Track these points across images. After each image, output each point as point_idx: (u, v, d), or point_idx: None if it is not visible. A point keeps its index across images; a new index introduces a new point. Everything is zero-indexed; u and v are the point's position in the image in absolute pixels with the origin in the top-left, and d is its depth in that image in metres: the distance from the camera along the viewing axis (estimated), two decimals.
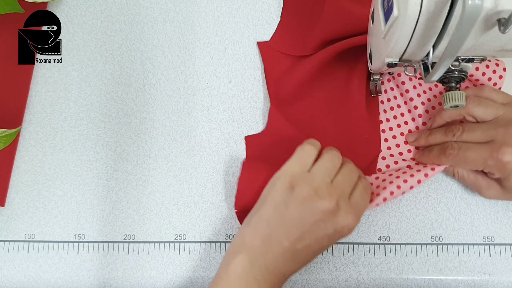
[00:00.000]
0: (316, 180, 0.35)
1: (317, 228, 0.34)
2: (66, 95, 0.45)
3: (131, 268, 0.41)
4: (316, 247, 0.34)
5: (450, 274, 0.40)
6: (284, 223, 0.34)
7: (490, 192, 0.39)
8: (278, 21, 0.47)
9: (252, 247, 0.34)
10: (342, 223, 0.34)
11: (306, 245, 0.34)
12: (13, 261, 0.41)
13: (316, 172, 0.36)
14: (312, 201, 0.34)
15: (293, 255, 0.34)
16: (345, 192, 0.35)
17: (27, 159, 0.43)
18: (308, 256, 0.35)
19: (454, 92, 0.34)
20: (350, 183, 0.36)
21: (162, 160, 0.43)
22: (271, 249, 0.34)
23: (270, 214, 0.35)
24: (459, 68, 0.33)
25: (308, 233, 0.34)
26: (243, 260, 0.34)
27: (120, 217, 0.42)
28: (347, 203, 0.35)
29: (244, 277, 0.33)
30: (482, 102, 0.38)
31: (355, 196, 0.36)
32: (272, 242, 0.34)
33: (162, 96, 0.45)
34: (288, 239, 0.34)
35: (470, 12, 0.23)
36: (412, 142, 0.43)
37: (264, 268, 0.34)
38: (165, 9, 0.47)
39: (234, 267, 0.34)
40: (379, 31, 0.32)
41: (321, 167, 0.36)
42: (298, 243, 0.34)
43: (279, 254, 0.34)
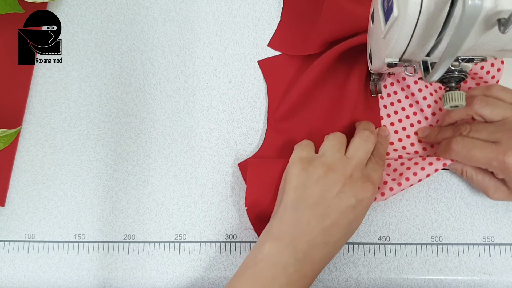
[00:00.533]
0: (326, 157, 0.36)
1: (339, 200, 0.34)
2: (66, 95, 0.45)
3: (131, 268, 0.41)
4: (344, 221, 0.34)
5: (450, 274, 0.40)
6: (307, 203, 0.34)
7: (497, 194, 0.39)
8: (278, 21, 0.47)
9: (280, 235, 0.34)
10: (362, 194, 0.35)
11: (333, 221, 0.34)
12: (13, 261, 0.41)
13: (324, 151, 0.37)
14: (327, 176, 0.35)
15: (322, 235, 0.34)
16: (359, 163, 0.36)
17: (27, 159, 0.43)
18: (338, 235, 0.34)
19: (454, 92, 0.34)
20: (365, 153, 0.37)
21: (162, 160, 0.43)
22: (300, 233, 0.34)
23: (293, 199, 0.35)
24: (459, 68, 0.33)
25: (333, 207, 0.34)
26: (271, 248, 0.33)
27: (120, 217, 0.42)
28: (362, 173, 0.36)
29: (272, 266, 0.33)
30: (490, 102, 0.38)
31: (369, 168, 0.37)
32: (300, 226, 0.34)
33: (162, 96, 0.45)
34: (315, 217, 0.34)
35: (470, 12, 0.23)
36: (422, 137, 0.43)
37: (294, 257, 0.33)
38: (165, 9, 0.47)
39: (262, 256, 0.33)
40: (379, 31, 0.32)
41: (328, 146, 0.37)
42: (325, 220, 0.34)
43: (309, 235, 0.33)
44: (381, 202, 0.42)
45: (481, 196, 0.42)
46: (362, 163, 0.37)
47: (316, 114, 0.44)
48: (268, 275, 0.32)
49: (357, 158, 0.36)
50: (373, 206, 0.42)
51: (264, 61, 0.46)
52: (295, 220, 0.34)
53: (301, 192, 0.35)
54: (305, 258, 0.33)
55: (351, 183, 0.35)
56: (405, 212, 0.42)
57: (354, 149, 0.37)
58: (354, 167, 0.36)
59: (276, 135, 0.44)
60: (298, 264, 0.33)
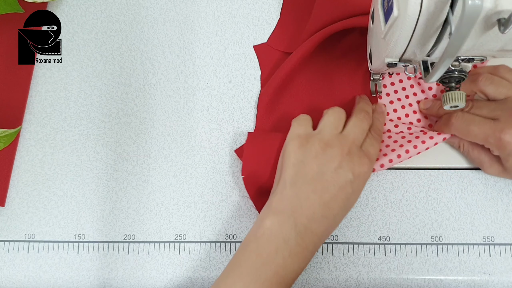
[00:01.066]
0: (324, 134, 0.37)
1: (337, 175, 0.35)
2: (66, 95, 0.45)
3: (131, 268, 0.41)
4: (342, 195, 0.35)
5: (450, 274, 0.40)
6: (306, 179, 0.35)
7: (491, 169, 0.40)
8: (278, 21, 0.47)
9: (280, 209, 0.35)
10: (359, 169, 0.35)
11: (332, 195, 0.35)
12: (13, 261, 0.41)
13: (322, 128, 0.38)
14: (325, 152, 0.35)
15: (322, 209, 0.34)
16: (356, 140, 0.37)
17: (27, 159, 0.43)
18: (337, 209, 0.35)
19: (454, 92, 0.34)
20: (361, 131, 0.38)
21: (162, 160, 0.43)
22: (300, 207, 0.34)
23: (292, 175, 0.36)
24: (459, 68, 0.33)
25: (331, 181, 0.35)
26: (271, 223, 0.34)
27: (120, 217, 0.42)
28: (358, 149, 0.36)
29: (274, 239, 0.33)
30: (495, 80, 0.39)
31: (366, 144, 0.38)
32: (299, 200, 0.34)
33: (162, 96, 0.45)
34: (314, 192, 0.34)
35: (470, 12, 0.23)
36: (424, 109, 0.43)
37: (294, 230, 0.34)
38: (165, 9, 0.47)
39: (263, 230, 0.34)
40: (379, 31, 0.32)
41: (326, 122, 0.38)
42: (324, 194, 0.34)
43: (308, 209, 0.34)
44: (381, 202, 0.42)
45: (481, 196, 0.42)
46: (359, 140, 0.37)
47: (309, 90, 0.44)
48: (271, 248, 0.33)
49: (354, 135, 0.37)
50: (373, 206, 0.42)
51: (260, 46, 0.46)
52: (294, 195, 0.35)
53: (300, 168, 0.36)
54: (305, 231, 0.34)
55: (348, 159, 0.35)
56: (405, 212, 0.42)
57: (351, 127, 0.38)
58: (351, 143, 0.36)
59: (268, 116, 0.44)
60: (299, 237, 0.34)
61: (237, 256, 0.35)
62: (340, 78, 0.45)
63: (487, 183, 0.42)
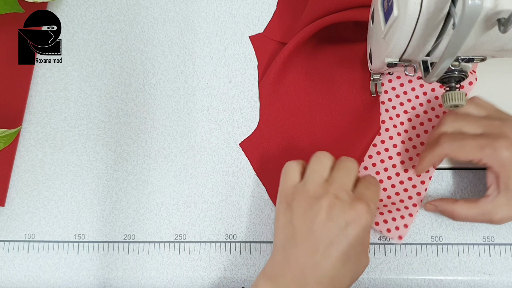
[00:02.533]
0: (308, 185, 0.34)
1: (327, 230, 0.32)
2: (66, 95, 0.45)
3: (131, 268, 0.41)
4: (335, 251, 0.31)
5: (450, 274, 0.40)
6: (295, 241, 0.33)
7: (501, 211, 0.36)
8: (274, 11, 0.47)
9: (271, 275, 0.33)
10: (352, 215, 0.32)
11: (323, 253, 0.32)
12: (13, 261, 0.41)
13: (307, 179, 0.35)
14: (312, 207, 0.33)
15: (312, 270, 0.32)
16: (344, 185, 0.34)
17: (27, 159, 0.43)
18: (334, 267, 0.32)
19: (454, 92, 0.34)
20: (349, 176, 0.34)
21: (162, 160, 0.43)
22: (289, 272, 0.32)
23: (281, 239, 0.34)
24: (459, 68, 0.33)
25: (320, 238, 0.32)
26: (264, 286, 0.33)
27: (120, 217, 0.42)
28: (349, 194, 0.33)
29: None
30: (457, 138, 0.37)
31: (359, 188, 0.34)
32: (289, 265, 0.32)
33: (162, 96, 0.45)
34: (302, 254, 0.32)
35: (470, 12, 0.23)
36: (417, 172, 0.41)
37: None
38: (165, 9, 0.47)
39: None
40: (379, 31, 0.32)
41: (310, 171, 0.35)
42: (314, 255, 0.32)
43: (298, 274, 0.32)
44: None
45: (481, 196, 0.42)
46: (347, 184, 0.34)
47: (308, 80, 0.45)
48: None
49: (340, 180, 0.34)
50: None
51: (256, 36, 0.46)
52: (284, 260, 0.33)
53: (288, 231, 0.33)
54: None
55: (337, 207, 0.32)
56: None
57: (336, 171, 0.35)
58: (338, 189, 0.33)
59: (270, 106, 0.44)
60: None
61: None
62: (339, 68, 0.45)
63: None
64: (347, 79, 0.44)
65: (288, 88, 0.45)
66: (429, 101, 0.43)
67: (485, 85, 0.44)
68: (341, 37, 0.46)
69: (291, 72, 0.45)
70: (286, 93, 0.45)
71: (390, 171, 0.42)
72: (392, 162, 0.42)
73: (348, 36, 0.46)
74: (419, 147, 0.42)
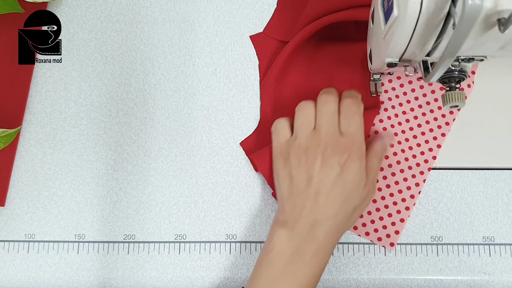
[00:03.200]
0: (299, 138, 0.37)
1: (324, 175, 0.35)
2: (66, 95, 0.45)
3: (131, 268, 0.41)
4: (335, 192, 0.35)
5: (450, 274, 0.40)
6: (298, 190, 0.36)
7: None
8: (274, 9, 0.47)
9: (283, 221, 0.36)
10: (343, 158, 0.35)
11: (326, 195, 0.35)
12: (13, 261, 0.41)
13: (296, 132, 0.38)
14: (307, 157, 0.36)
15: (320, 212, 0.35)
16: (329, 130, 0.36)
17: (27, 159, 0.43)
18: (338, 206, 0.35)
19: (454, 92, 0.34)
20: (332, 118, 0.37)
21: (162, 160, 0.43)
22: (299, 217, 0.35)
23: (285, 190, 0.37)
24: (459, 68, 0.33)
25: (321, 183, 0.35)
26: (278, 236, 0.35)
27: (120, 217, 0.42)
28: (336, 138, 0.36)
29: (283, 251, 0.35)
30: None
31: (342, 127, 0.37)
32: (297, 211, 0.35)
33: (162, 96, 0.45)
34: (308, 199, 0.35)
35: (470, 12, 0.23)
36: None
37: (300, 239, 0.34)
38: (165, 9, 0.47)
39: (273, 244, 0.35)
40: (379, 31, 0.32)
41: (297, 125, 0.38)
42: (318, 198, 0.35)
43: (308, 217, 0.35)
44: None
45: (481, 196, 0.42)
46: (331, 127, 0.36)
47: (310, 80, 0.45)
48: (282, 260, 0.34)
49: (325, 126, 0.37)
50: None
51: (256, 36, 0.46)
52: (292, 208, 0.36)
53: (290, 181, 0.36)
54: (311, 238, 0.34)
55: (329, 153, 0.35)
56: None
57: (318, 119, 0.37)
58: (325, 136, 0.36)
59: (272, 106, 0.44)
60: (307, 244, 0.34)
61: (253, 273, 0.36)
62: (340, 68, 0.45)
63: (487, 183, 0.42)
64: (348, 79, 0.44)
65: (289, 88, 0.45)
66: (428, 103, 0.43)
67: (485, 85, 0.44)
68: (342, 36, 0.46)
69: (292, 72, 0.45)
70: (287, 92, 0.45)
71: (386, 171, 0.42)
72: (388, 162, 0.42)
73: (348, 35, 0.46)
74: (416, 149, 0.42)
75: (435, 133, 0.42)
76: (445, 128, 0.43)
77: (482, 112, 0.43)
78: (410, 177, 0.41)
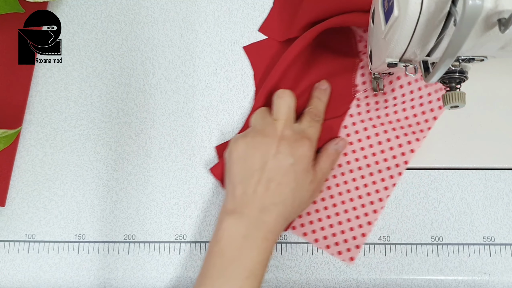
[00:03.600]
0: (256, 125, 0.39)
1: (278, 162, 0.36)
2: (66, 95, 0.45)
3: (131, 268, 0.41)
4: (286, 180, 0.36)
5: (451, 274, 0.40)
6: (251, 172, 0.37)
7: None
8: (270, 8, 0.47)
9: (232, 209, 0.36)
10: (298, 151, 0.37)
11: (278, 181, 0.36)
12: (14, 261, 0.41)
13: (253, 122, 0.40)
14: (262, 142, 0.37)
15: (269, 197, 0.36)
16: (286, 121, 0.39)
17: (27, 159, 0.43)
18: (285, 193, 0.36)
19: (455, 92, 0.34)
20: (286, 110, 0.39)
21: (162, 160, 0.43)
22: (250, 201, 0.36)
23: (237, 173, 0.38)
24: (460, 68, 0.33)
25: (273, 169, 0.36)
26: (227, 223, 0.36)
27: (120, 217, 0.42)
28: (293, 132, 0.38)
29: (233, 239, 0.35)
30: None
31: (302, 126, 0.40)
32: (248, 195, 0.36)
33: (162, 96, 0.45)
34: (260, 183, 0.36)
35: (471, 12, 0.23)
36: None
37: (249, 225, 0.35)
38: (165, 9, 0.47)
39: (222, 232, 0.35)
40: (379, 31, 0.32)
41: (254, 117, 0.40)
42: (270, 183, 0.36)
43: (258, 201, 0.36)
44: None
45: (481, 196, 0.42)
46: (289, 120, 0.39)
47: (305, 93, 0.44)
48: (232, 247, 0.35)
49: (281, 117, 0.39)
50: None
51: (250, 46, 0.46)
52: (243, 192, 0.36)
53: (243, 164, 0.37)
54: (259, 223, 0.35)
55: (285, 143, 0.37)
56: (405, 212, 0.42)
57: (275, 111, 0.39)
58: (283, 126, 0.38)
59: None
60: (255, 230, 0.35)
61: (204, 264, 0.36)
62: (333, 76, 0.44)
63: (488, 183, 0.42)
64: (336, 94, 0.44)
65: None
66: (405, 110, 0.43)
67: (485, 85, 0.44)
68: (337, 43, 0.45)
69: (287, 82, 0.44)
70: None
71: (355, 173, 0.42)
72: (358, 165, 0.42)
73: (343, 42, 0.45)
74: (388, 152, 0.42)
75: (409, 137, 0.42)
76: (419, 134, 0.42)
77: (483, 112, 0.43)
78: (379, 180, 0.41)
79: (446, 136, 0.43)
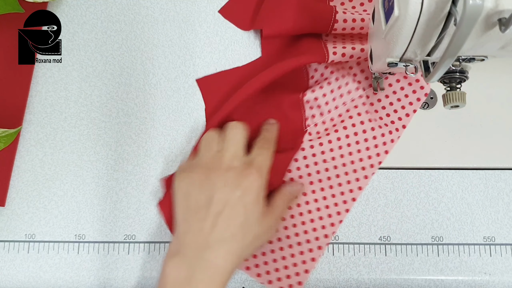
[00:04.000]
0: (201, 158, 0.38)
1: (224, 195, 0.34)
2: (66, 95, 0.45)
3: (131, 268, 0.41)
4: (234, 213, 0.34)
5: (451, 274, 0.40)
6: (195, 210, 0.34)
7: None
8: None
9: (175, 251, 0.34)
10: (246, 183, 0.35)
11: (224, 216, 0.33)
12: (14, 261, 0.41)
13: (199, 153, 0.39)
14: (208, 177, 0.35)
15: (214, 232, 0.33)
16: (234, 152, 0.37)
17: (27, 159, 0.43)
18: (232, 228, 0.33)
19: (455, 92, 0.34)
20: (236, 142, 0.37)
21: (162, 160, 0.43)
22: (193, 241, 0.33)
23: (181, 212, 0.36)
24: (460, 68, 0.33)
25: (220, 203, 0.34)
26: (169, 268, 0.33)
27: (121, 217, 0.42)
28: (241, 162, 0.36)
29: (176, 284, 0.32)
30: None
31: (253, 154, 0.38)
32: (191, 234, 0.34)
33: (162, 96, 0.45)
34: (204, 220, 0.34)
35: (471, 11, 0.23)
36: None
37: (192, 267, 0.32)
38: (165, 9, 0.47)
39: (165, 278, 0.33)
40: (380, 31, 0.32)
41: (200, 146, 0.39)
42: (216, 218, 0.33)
43: (202, 240, 0.33)
44: (381, 202, 0.42)
45: (482, 196, 0.42)
46: (237, 151, 0.37)
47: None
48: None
49: (230, 148, 0.37)
50: (374, 207, 0.42)
51: (203, 79, 0.45)
52: (186, 231, 0.34)
53: (187, 202, 0.35)
54: (202, 264, 0.32)
55: (231, 174, 0.35)
56: (405, 212, 0.42)
57: (226, 143, 0.37)
58: (230, 158, 0.36)
59: None
60: (199, 272, 0.32)
61: None
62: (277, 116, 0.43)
63: (488, 183, 0.42)
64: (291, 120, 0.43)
65: None
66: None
67: (485, 85, 0.44)
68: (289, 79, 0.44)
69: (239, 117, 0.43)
70: None
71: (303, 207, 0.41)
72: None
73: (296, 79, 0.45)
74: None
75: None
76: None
77: (483, 112, 0.43)
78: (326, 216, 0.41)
79: (446, 136, 0.43)
